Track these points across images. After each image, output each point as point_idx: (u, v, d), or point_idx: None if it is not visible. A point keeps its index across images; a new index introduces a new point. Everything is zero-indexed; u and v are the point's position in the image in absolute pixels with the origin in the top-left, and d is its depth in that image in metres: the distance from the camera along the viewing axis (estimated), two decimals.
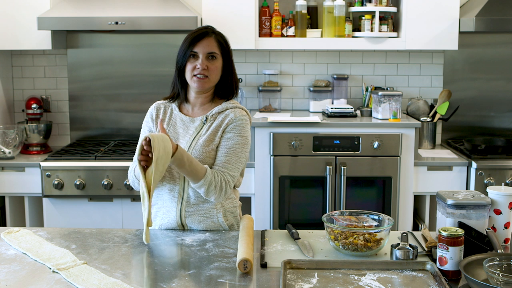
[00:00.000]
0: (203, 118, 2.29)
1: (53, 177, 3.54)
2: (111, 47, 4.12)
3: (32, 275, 1.81)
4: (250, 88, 4.15)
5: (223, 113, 2.29)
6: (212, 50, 2.25)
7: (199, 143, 2.24)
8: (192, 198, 2.25)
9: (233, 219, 2.33)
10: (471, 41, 4.08)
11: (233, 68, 2.34)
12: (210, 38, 2.26)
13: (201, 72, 2.22)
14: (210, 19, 3.73)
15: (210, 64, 2.24)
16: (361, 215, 2.13)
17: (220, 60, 2.28)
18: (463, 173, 3.64)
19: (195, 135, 2.27)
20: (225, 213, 2.29)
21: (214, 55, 2.25)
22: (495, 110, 4.15)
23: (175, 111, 2.35)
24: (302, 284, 1.74)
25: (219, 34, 2.31)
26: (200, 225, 2.27)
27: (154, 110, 2.38)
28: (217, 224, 2.28)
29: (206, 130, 2.27)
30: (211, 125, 2.28)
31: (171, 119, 2.34)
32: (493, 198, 2.00)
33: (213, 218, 2.27)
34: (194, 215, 2.26)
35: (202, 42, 2.24)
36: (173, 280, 1.78)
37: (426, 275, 1.81)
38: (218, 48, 2.27)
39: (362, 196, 3.68)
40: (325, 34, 3.89)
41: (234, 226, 2.33)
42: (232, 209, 2.33)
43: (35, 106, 3.95)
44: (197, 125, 2.29)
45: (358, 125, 3.63)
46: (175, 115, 2.34)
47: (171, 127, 2.32)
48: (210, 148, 2.24)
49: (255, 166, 3.61)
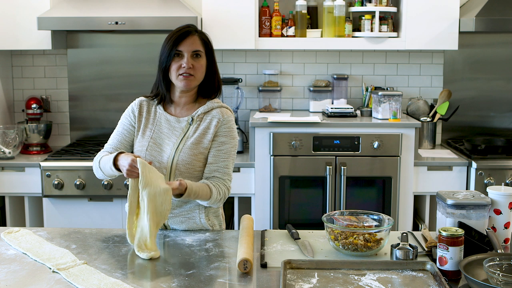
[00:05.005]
0: (189, 119, 2.28)
1: (53, 177, 3.54)
2: (111, 47, 4.12)
3: (32, 275, 1.81)
4: (250, 88, 4.15)
5: (209, 114, 2.29)
6: (197, 48, 2.24)
7: (187, 145, 2.24)
8: (174, 200, 2.25)
9: (215, 218, 2.34)
10: (471, 41, 4.08)
11: (216, 67, 2.34)
12: (194, 36, 2.25)
13: (186, 71, 2.21)
14: (210, 19, 3.74)
15: (195, 62, 2.23)
16: (361, 215, 2.13)
17: (205, 58, 2.27)
18: (463, 173, 3.64)
19: (182, 137, 2.26)
20: (207, 214, 2.31)
21: (199, 53, 2.24)
22: (495, 110, 4.15)
23: (159, 110, 2.33)
24: (302, 284, 1.74)
25: (202, 33, 2.30)
26: (182, 226, 2.29)
27: (137, 107, 2.34)
28: (199, 224, 2.29)
29: (193, 132, 2.27)
30: (198, 126, 2.27)
31: (155, 118, 2.32)
32: (493, 198, 2.00)
33: (195, 219, 2.28)
34: (176, 216, 2.28)
35: (187, 41, 2.23)
36: (173, 280, 1.78)
37: (426, 275, 1.81)
38: (202, 46, 2.26)
39: (362, 196, 3.68)
40: (325, 34, 3.89)
41: (216, 226, 2.34)
42: (214, 209, 2.35)
43: (35, 106, 3.95)
44: (183, 126, 2.28)
45: (358, 125, 3.63)
46: (160, 114, 2.32)
47: (156, 126, 2.30)
48: (198, 152, 2.24)
49: (255, 166, 3.61)
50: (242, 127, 4.11)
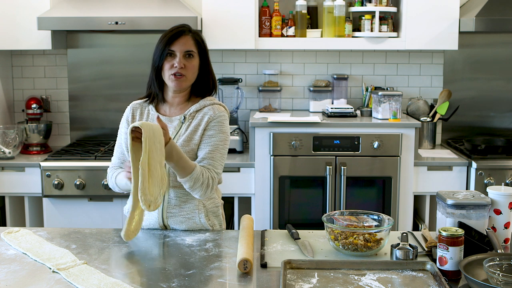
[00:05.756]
0: (181, 117, 2.29)
1: (53, 177, 3.54)
2: (111, 47, 4.12)
3: (32, 275, 1.81)
4: (250, 88, 4.15)
5: (201, 111, 2.30)
6: (189, 48, 2.24)
7: (179, 143, 2.25)
8: (173, 200, 2.26)
9: (215, 219, 2.34)
10: (471, 41, 4.08)
11: (210, 66, 2.33)
12: (187, 36, 2.25)
13: (178, 70, 2.22)
14: (210, 19, 3.74)
15: (187, 62, 2.24)
16: (361, 215, 2.13)
17: (197, 58, 2.27)
18: (463, 173, 3.64)
19: (174, 135, 2.27)
20: (207, 214, 2.30)
21: (191, 53, 2.25)
22: (495, 110, 4.15)
23: (152, 111, 2.34)
24: (302, 284, 1.74)
25: (196, 33, 2.30)
26: (182, 226, 2.28)
27: (129, 113, 2.37)
28: (199, 224, 2.29)
29: (185, 130, 2.27)
30: (189, 124, 2.28)
31: (148, 119, 2.33)
32: (493, 198, 2.00)
33: (195, 219, 2.28)
34: (176, 216, 2.27)
35: (179, 41, 2.23)
36: (173, 280, 1.78)
37: (426, 275, 1.81)
38: (195, 46, 2.26)
39: (362, 196, 3.68)
40: (325, 34, 3.89)
41: (216, 226, 2.34)
42: (214, 209, 2.34)
43: (35, 106, 3.95)
44: (175, 125, 2.29)
45: (358, 125, 3.63)
46: (153, 115, 2.33)
47: None
48: (190, 148, 2.25)
49: (255, 166, 3.61)
50: (242, 127, 4.11)
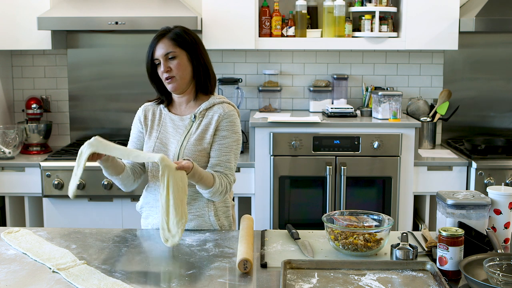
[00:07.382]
0: (192, 116, 2.30)
1: (53, 177, 3.54)
2: (111, 47, 4.12)
3: (32, 275, 1.81)
4: (250, 88, 4.15)
5: (211, 110, 2.30)
6: (167, 50, 2.24)
7: (190, 142, 2.25)
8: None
9: (225, 219, 2.34)
10: (471, 41, 4.08)
11: (204, 58, 2.30)
12: (163, 39, 2.25)
13: (166, 76, 2.24)
14: (210, 19, 3.74)
15: (171, 64, 2.24)
16: (361, 215, 2.13)
17: (182, 55, 2.25)
18: (463, 173, 3.64)
19: (185, 134, 2.28)
20: (216, 212, 2.30)
21: (171, 54, 2.24)
22: (495, 110, 4.15)
23: (164, 111, 2.36)
24: (302, 284, 1.74)
25: (174, 31, 2.26)
26: (191, 224, 2.28)
27: (142, 113, 2.39)
28: (208, 223, 2.29)
29: (196, 128, 2.28)
30: (200, 122, 2.28)
31: (161, 119, 2.35)
32: (493, 198, 2.00)
33: (205, 217, 2.28)
34: None
35: (158, 47, 2.25)
36: (173, 280, 1.78)
37: (426, 275, 1.81)
38: (174, 45, 2.24)
39: (362, 196, 3.68)
40: (325, 34, 3.89)
41: (226, 227, 2.34)
42: (224, 209, 2.34)
43: (35, 106, 3.95)
44: (186, 124, 2.30)
45: (358, 125, 3.63)
46: (165, 115, 2.35)
47: (162, 127, 2.33)
48: (202, 148, 2.26)
49: (255, 166, 3.61)
50: (242, 127, 4.10)
